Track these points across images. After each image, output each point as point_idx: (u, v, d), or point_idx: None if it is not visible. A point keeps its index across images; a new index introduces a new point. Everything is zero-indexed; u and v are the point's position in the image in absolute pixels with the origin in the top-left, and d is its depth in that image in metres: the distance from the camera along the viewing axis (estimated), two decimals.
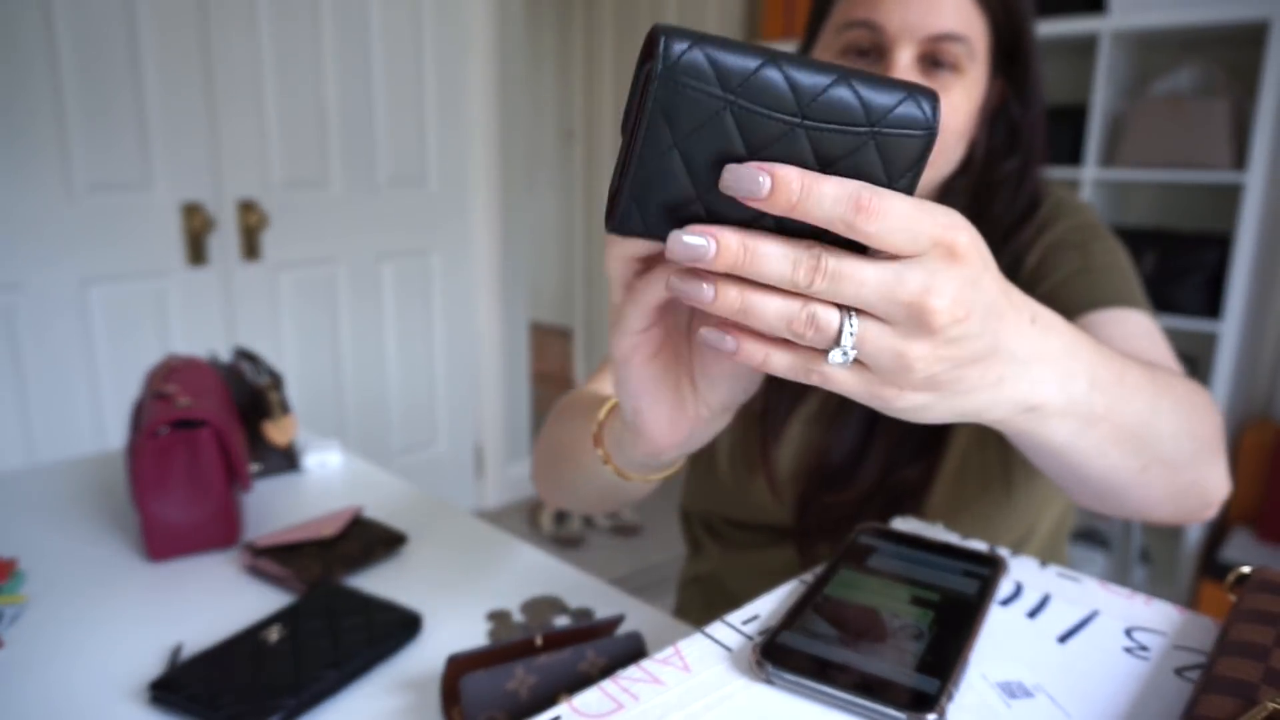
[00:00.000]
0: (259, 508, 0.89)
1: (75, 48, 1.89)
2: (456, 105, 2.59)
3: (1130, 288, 0.74)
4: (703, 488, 0.93)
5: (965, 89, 0.73)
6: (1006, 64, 0.77)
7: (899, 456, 0.79)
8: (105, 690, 0.59)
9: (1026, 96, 0.78)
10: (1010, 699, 0.41)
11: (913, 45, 0.71)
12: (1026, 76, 0.77)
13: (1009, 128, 0.79)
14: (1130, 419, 0.50)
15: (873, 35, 0.72)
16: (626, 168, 0.33)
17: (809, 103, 0.32)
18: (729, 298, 0.35)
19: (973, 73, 0.73)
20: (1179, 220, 2.46)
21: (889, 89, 0.33)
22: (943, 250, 0.34)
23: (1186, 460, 0.56)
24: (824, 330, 0.35)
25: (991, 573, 0.51)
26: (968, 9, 0.71)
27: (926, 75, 0.72)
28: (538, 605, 0.70)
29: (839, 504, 0.81)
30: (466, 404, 2.82)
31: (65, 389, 2.01)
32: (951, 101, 0.72)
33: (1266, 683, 0.38)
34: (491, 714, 0.50)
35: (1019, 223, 0.80)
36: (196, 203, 2.13)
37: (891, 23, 0.71)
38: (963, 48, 0.71)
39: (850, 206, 0.33)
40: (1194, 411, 0.57)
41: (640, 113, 0.32)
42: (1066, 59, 2.51)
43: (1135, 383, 0.50)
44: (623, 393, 0.46)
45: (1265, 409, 2.43)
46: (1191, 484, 0.58)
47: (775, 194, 0.32)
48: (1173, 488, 0.57)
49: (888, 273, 0.34)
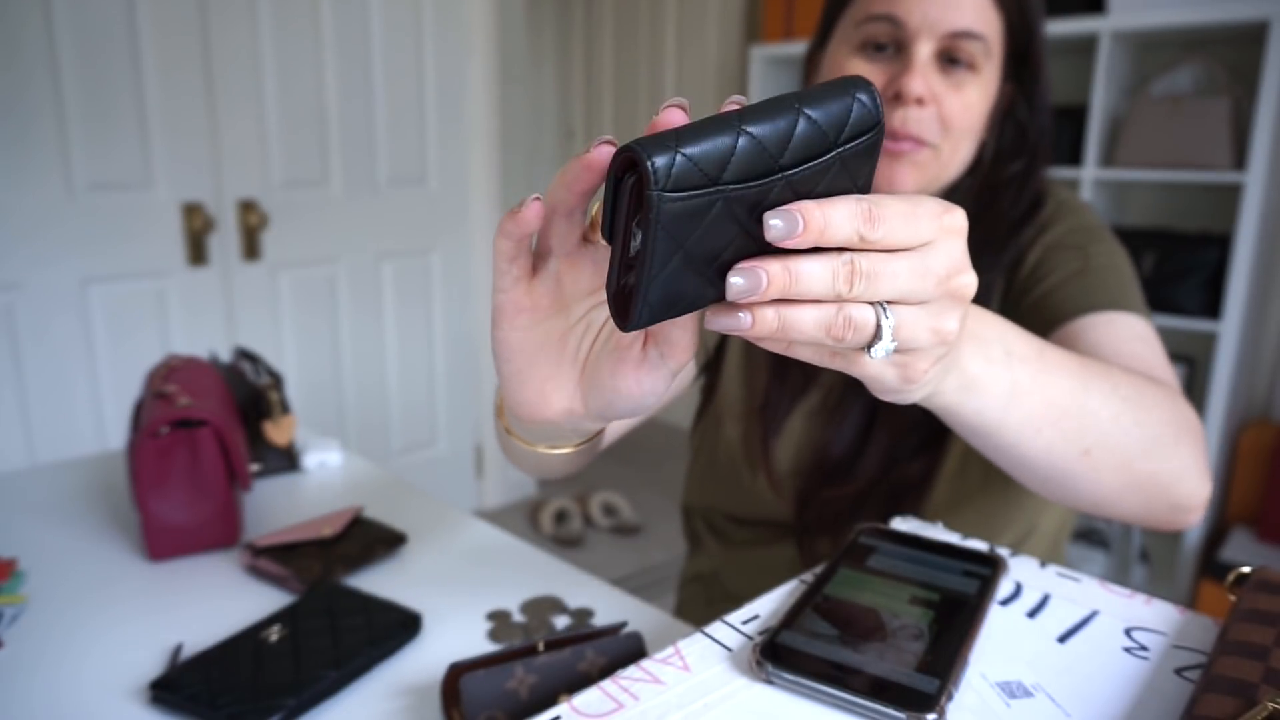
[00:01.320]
0: (259, 508, 0.89)
1: (76, 48, 1.89)
2: (456, 105, 2.59)
3: (1128, 291, 0.74)
4: (704, 483, 0.93)
5: (980, 87, 0.73)
6: (1017, 66, 0.77)
7: (900, 451, 0.79)
8: (105, 690, 0.59)
9: (1035, 100, 0.78)
10: (1010, 699, 0.41)
11: (932, 41, 0.71)
12: (1036, 80, 0.77)
13: (1017, 130, 0.80)
14: (1059, 397, 0.52)
15: (893, 30, 0.72)
16: (638, 282, 0.34)
17: (782, 154, 0.33)
18: (766, 320, 0.35)
19: (987, 72, 0.73)
20: (1179, 220, 2.46)
21: (833, 98, 0.34)
22: (948, 231, 0.37)
23: (1138, 450, 0.56)
24: (862, 329, 0.36)
25: (991, 572, 0.51)
26: (986, 8, 0.72)
27: (943, 72, 0.73)
28: (538, 605, 0.70)
29: (839, 499, 0.81)
30: (466, 404, 2.82)
31: (65, 389, 2.01)
32: (966, 99, 0.73)
33: (1266, 682, 0.38)
34: (491, 713, 0.50)
35: (1021, 221, 0.80)
36: (197, 203, 2.13)
37: (913, 18, 0.71)
38: (980, 46, 0.72)
39: (863, 220, 0.34)
40: (1152, 406, 0.57)
41: (646, 236, 0.32)
42: (1066, 59, 2.51)
43: (1057, 360, 0.52)
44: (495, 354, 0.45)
45: (1265, 409, 2.44)
46: (1150, 477, 0.57)
47: (807, 230, 0.34)
48: (1126, 479, 0.57)
49: (916, 260, 0.36)
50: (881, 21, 0.73)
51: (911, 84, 0.71)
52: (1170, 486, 0.59)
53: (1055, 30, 2.28)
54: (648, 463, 3.37)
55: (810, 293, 0.35)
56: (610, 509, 2.93)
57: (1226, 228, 2.25)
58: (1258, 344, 2.40)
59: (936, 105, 0.72)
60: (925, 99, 0.72)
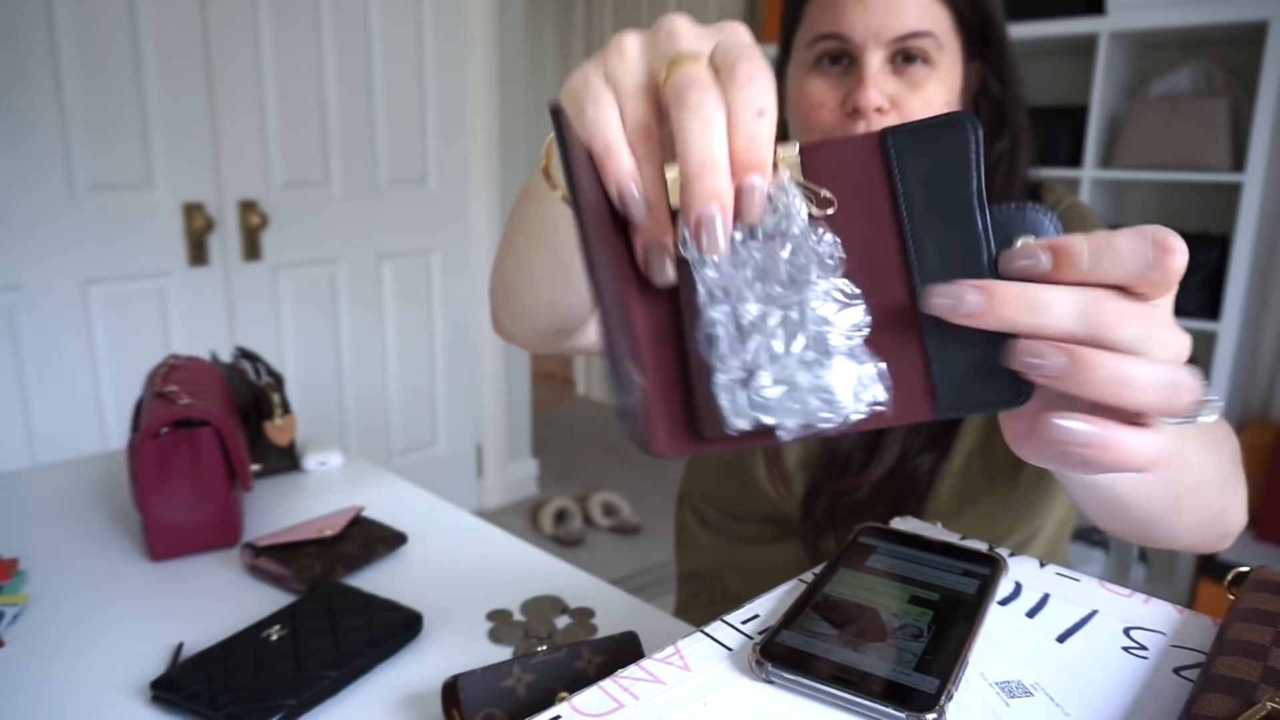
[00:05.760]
0: (259, 507, 0.89)
1: (77, 48, 1.89)
2: (456, 105, 2.59)
3: None
4: (706, 467, 0.93)
5: (939, 80, 0.73)
6: (979, 46, 0.77)
7: (912, 445, 0.79)
8: (106, 689, 0.59)
9: (1004, 74, 0.78)
10: (1009, 698, 0.41)
11: (880, 49, 0.72)
12: (1002, 56, 0.77)
13: (993, 108, 0.79)
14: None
15: (841, 44, 0.74)
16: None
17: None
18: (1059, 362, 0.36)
19: (944, 63, 0.73)
20: (1178, 221, 2.46)
21: (1003, 220, 0.39)
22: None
23: (1215, 489, 0.56)
24: (1195, 391, 0.35)
25: (991, 572, 0.51)
26: (929, 4, 0.72)
27: (899, 74, 0.73)
28: (538, 605, 0.70)
29: (848, 493, 0.81)
30: (466, 404, 2.82)
31: (66, 389, 2.01)
32: (926, 97, 0.73)
33: (1265, 682, 0.38)
34: (489, 710, 0.50)
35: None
36: (197, 203, 2.13)
37: (856, 31, 0.72)
38: (930, 42, 0.72)
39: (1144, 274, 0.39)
40: (1222, 444, 0.58)
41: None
42: (1066, 59, 2.51)
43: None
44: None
45: (1264, 409, 2.44)
46: (1219, 514, 0.58)
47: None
48: (1203, 517, 0.57)
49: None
50: (829, 39, 0.74)
51: (866, 97, 0.72)
52: (1229, 519, 0.60)
53: (1055, 31, 2.28)
54: (648, 463, 3.37)
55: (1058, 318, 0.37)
56: (610, 509, 2.93)
57: (1225, 228, 2.25)
58: (1257, 344, 2.40)
59: (898, 110, 0.73)
60: (884, 108, 0.72)
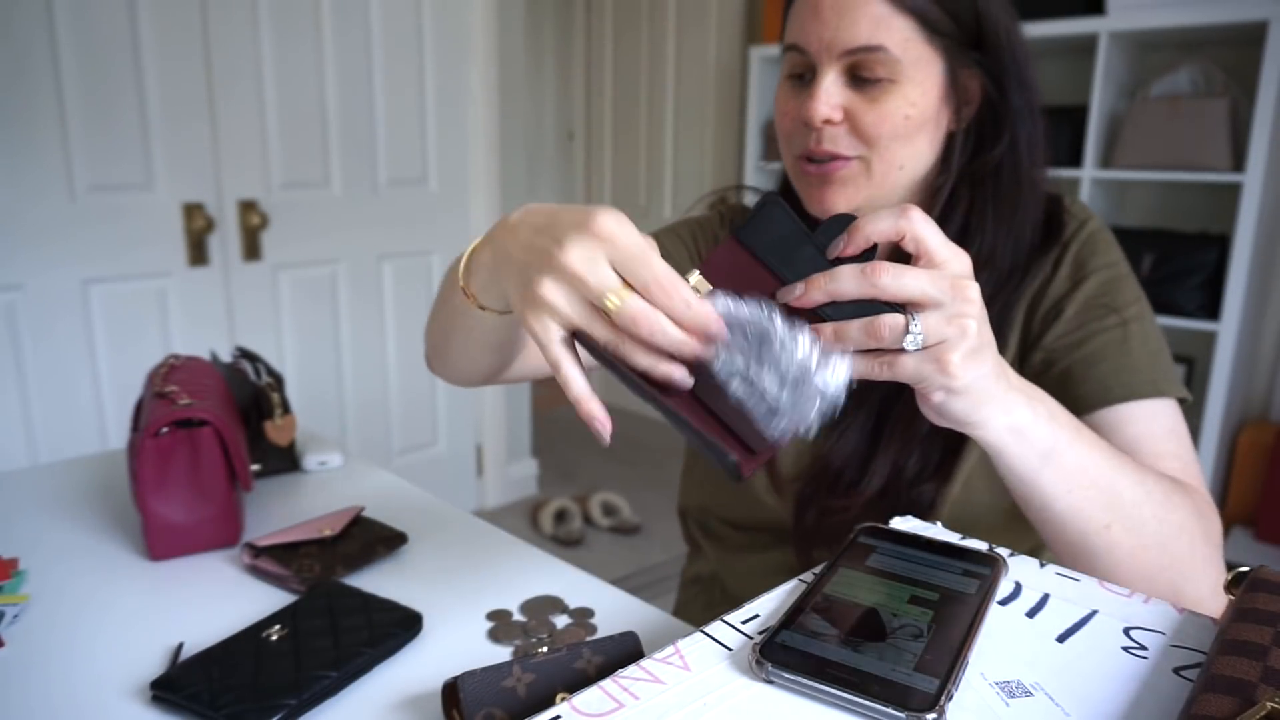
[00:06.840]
0: (259, 507, 0.89)
1: (77, 49, 1.89)
2: (456, 106, 2.59)
3: (1159, 362, 0.75)
4: (701, 484, 0.93)
5: (900, 93, 0.71)
6: (970, 52, 0.74)
7: (904, 467, 0.78)
8: (106, 689, 0.59)
9: (1002, 81, 0.75)
10: (1009, 698, 0.41)
11: (833, 62, 0.72)
12: (999, 62, 0.74)
13: (993, 114, 0.76)
14: (1091, 466, 0.59)
15: (803, 58, 0.74)
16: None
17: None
18: (824, 331, 0.51)
19: (906, 76, 0.71)
20: (1177, 221, 2.46)
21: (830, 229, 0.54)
22: (957, 282, 0.51)
23: (1154, 542, 0.61)
24: (895, 329, 0.50)
25: (991, 572, 0.51)
26: (886, 18, 0.70)
27: (857, 89, 0.72)
28: (538, 605, 0.70)
29: (840, 510, 0.80)
30: (466, 404, 2.82)
31: (67, 389, 2.01)
32: (883, 110, 0.71)
33: (1265, 682, 0.38)
34: (489, 711, 0.50)
35: (1038, 241, 0.79)
36: (197, 203, 2.13)
37: (811, 44, 0.73)
38: (881, 56, 0.70)
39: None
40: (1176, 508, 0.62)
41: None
42: (1066, 60, 2.52)
43: (1094, 438, 0.60)
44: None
45: (1263, 409, 2.44)
46: (1161, 571, 0.61)
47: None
48: (1139, 564, 0.61)
49: (933, 272, 0.50)
50: (793, 51, 0.75)
51: (812, 110, 0.72)
52: (1180, 587, 0.62)
53: (1055, 31, 2.28)
54: (648, 463, 3.37)
55: (845, 293, 0.50)
56: (610, 509, 2.93)
57: (1225, 228, 2.25)
58: (1256, 344, 2.40)
59: (850, 120, 0.72)
60: (833, 119, 0.72)
